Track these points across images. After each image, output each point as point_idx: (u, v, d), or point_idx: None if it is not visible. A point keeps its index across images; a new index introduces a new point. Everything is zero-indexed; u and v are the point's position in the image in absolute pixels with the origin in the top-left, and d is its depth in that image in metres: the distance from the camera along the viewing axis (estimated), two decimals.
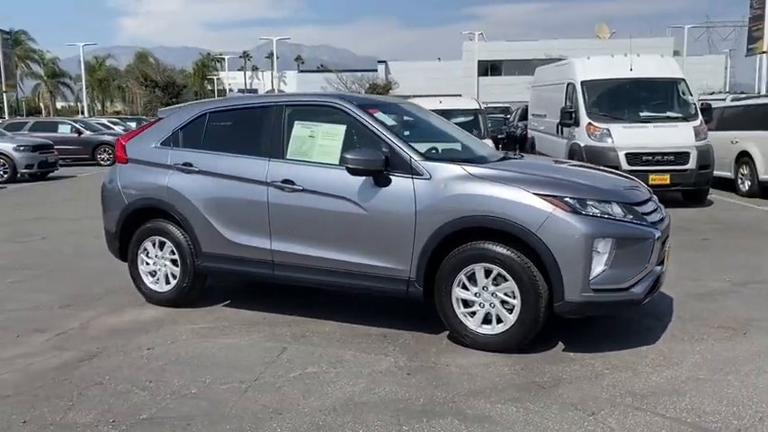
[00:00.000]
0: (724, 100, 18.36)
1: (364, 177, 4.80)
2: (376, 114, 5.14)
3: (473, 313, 4.59)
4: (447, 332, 4.85)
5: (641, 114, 12.09)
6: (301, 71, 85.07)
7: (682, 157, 11.37)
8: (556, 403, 3.75)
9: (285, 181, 5.10)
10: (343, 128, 5.11)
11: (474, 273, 4.54)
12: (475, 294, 4.56)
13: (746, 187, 13.04)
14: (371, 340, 4.86)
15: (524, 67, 65.85)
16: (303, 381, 4.14)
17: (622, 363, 4.33)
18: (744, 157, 13.01)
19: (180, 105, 6.12)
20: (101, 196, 6.20)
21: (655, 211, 4.81)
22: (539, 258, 4.34)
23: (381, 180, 4.76)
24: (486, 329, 4.56)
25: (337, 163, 5.03)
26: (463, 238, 4.56)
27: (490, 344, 4.53)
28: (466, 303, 4.61)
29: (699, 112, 11.98)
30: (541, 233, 4.28)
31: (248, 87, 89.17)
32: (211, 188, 5.43)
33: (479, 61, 66.45)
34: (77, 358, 4.61)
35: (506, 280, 4.44)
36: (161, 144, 5.81)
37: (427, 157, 4.83)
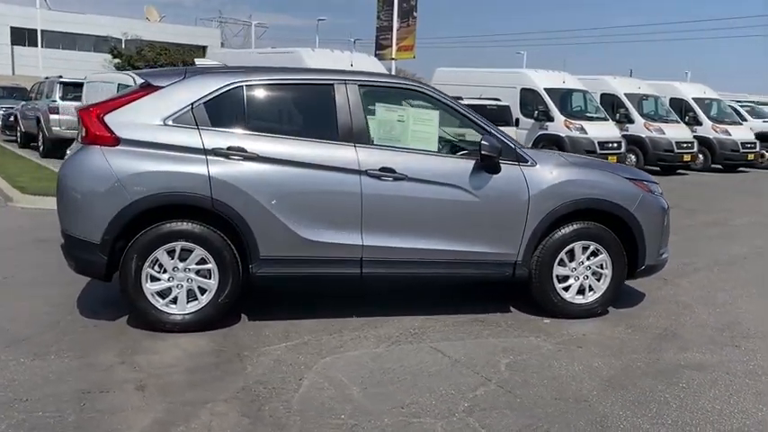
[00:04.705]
0: None
1: (472, 165, 4.80)
2: (462, 102, 5.10)
3: (567, 287, 5.13)
4: (522, 310, 5.25)
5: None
6: None
7: None
8: (718, 346, 4.67)
9: (383, 169, 4.64)
10: (436, 113, 4.91)
11: (573, 250, 5.07)
12: (571, 269, 5.10)
13: None
14: (481, 327, 4.88)
15: (69, 40, 60.33)
16: (529, 371, 4.12)
17: (674, 313, 5.38)
18: None
19: (178, 70, 4.69)
20: (65, 193, 4.36)
21: None
22: (626, 232, 5.15)
23: (493, 167, 4.83)
24: (579, 299, 5.15)
25: (435, 149, 4.87)
26: (565, 220, 5.04)
27: (584, 311, 5.14)
28: (559, 279, 5.11)
29: None
30: (636, 212, 5.11)
31: None
32: (281, 179, 4.50)
33: (13, 28, 58.12)
34: (251, 407, 3.47)
35: (599, 254, 5.12)
36: (174, 122, 4.45)
37: (521, 145, 5.10)
